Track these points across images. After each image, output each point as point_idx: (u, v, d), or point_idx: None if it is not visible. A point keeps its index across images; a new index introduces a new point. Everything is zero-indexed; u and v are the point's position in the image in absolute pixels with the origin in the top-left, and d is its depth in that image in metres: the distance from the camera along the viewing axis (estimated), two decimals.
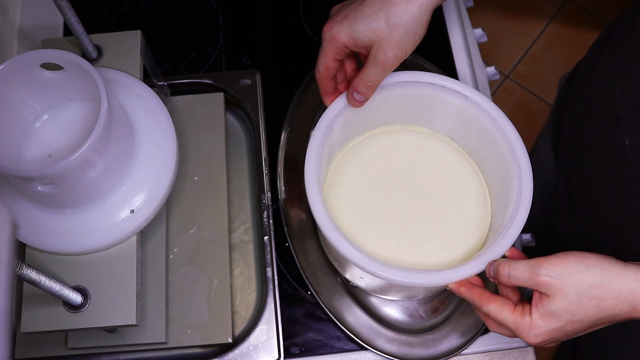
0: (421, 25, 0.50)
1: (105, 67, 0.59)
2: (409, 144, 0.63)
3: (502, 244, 0.51)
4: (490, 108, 0.57)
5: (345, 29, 0.51)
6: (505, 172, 0.56)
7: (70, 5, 0.54)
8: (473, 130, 0.59)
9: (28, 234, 0.53)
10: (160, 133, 0.57)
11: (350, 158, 0.62)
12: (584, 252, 0.47)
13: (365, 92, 0.55)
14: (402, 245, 0.58)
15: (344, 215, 0.59)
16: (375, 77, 0.53)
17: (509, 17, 1.62)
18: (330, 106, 0.57)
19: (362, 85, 0.54)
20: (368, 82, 0.54)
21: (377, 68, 0.52)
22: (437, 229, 0.59)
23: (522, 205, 0.53)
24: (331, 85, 0.57)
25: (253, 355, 0.62)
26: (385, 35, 0.50)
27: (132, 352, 0.63)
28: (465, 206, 0.60)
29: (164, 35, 0.79)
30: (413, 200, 0.60)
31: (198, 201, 0.67)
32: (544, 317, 0.46)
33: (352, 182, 0.61)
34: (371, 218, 0.59)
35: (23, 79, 0.52)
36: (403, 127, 0.64)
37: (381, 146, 0.63)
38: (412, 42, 0.51)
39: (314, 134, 0.56)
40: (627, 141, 0.53)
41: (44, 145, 0.55)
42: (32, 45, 0.76)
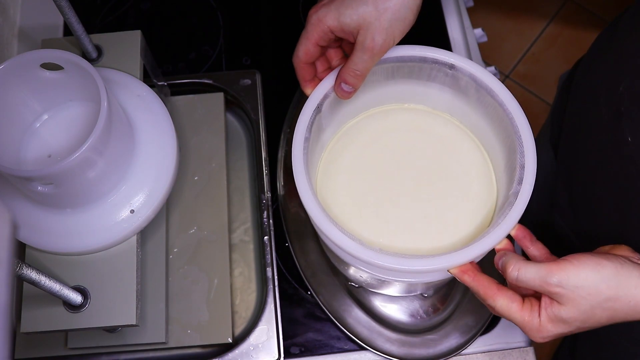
0: (411, 10, 0.49)
1: (105, 67, 0.59)
2: (406, 123, 0.60)
3: (506, 223, 0.48)
4: (487, 79, 0.53)
5: (332, 12, 0.50)
6: (507, 146, 0.53)
7: (70, 5, 0.54)
8: (471, 104, 0.56)
9: (28, 234, 0.53)
10: (160, 133, 0.57)
11: (345, 143, 0.59)
12: (599, 258, 0.44)
13: (353, 82, 0.52)
14: (403, 230, 0.55)
15: (340, 204, 0.56)
16: (363, 64, 0.51)
17: (509, 17, 1.62)
18: (317, 89, 0.54)
19: (350, 74, 0.52)
20: (356, 71, 0.51)
21: (365, 54, 0.50)
22: (440, 211, 0.56)
23: (526, 180, 0.49)
24: (310, 72, 0.54)
25: (253, 355, 0.62)
26: (372, 19, 0.49)
27: (132, 352, 0.63)
28: (469, 185, 0.57)
29: (164, 35, 0.79)
30: (413, 183, 0.57)
31: (198, 201, 0.67)
32: (553, 322, 0.44)
33: (348, 168, 0.58)
34: (369, 205, 0.56)
35: (23, 79, 0.52)
36: (398, 105, 0.61)
37: (376, 128, 0.60)
38: (401, 27, 0.49)
39: (300, 118, 0.53)
40: (629, 138, 0.53)
41: (44, 145, 0.55)
42: (32, 45, 0.76)
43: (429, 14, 0.79)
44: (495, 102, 0.53)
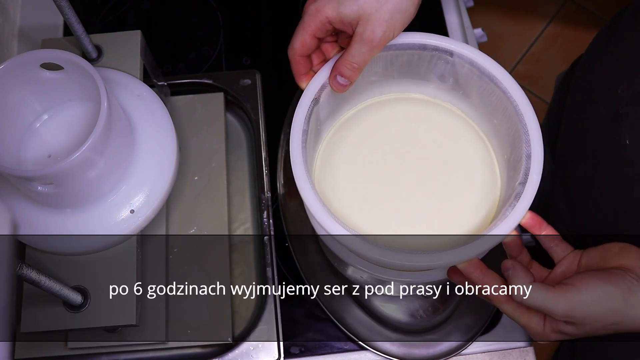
0: (412, 2, 0.48)
1: (105, 67, 0.59)
2: (406, 113, 0.58)
3: (513, 216, 0.47)
4: (489, 65, 0.52)
5: (332, 3, 0.48)
6: (511, 135, 0.52)
7: (70, 5, 0.54)
8: (473, 92, 0.55)
9: (28, 234, 0.53)
10: (160, 133, 0.57)
11: (343, 135, 0.57)
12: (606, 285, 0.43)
13: (350, 75, 0.50)
14: (405, 224, 0.53)
15: (339, 199, 0.55)
16: (361, 57, 0.49)
17: (509, 17, 1.62)
18: (313, 80, 0.52)
19: (347, 67, 0.50)
20: (353, 64, 0.49)
21: (364, 47, 0.48)
22: (444, 202, 0.54)
23: (533, 169, 0.48)
24: (305, 66, 0.52)
25: (253, 355, 0.62)
26: (373, 10, 0.47)
27: (132, 352, 0.63)
28: (472, 175, 0.55)
29: (164, 35, 0.79)
30: (414, 174, 0.55)
31: (198, 201, 0.67)
32: (557, 334, 0.45)
33: (347, 161, 0.56)
34: (369, 198, 0.54)
35: (23, 79, 0.52)
36: (398, 95, 0.59)
37: (375, 118, 0.58)
38: (402, 20, 0.48)
39: (297, 110, 0.51)
40: (628, 140, 0.53)
41: (44, 145, 0.55)
42: (32, 45, 0.76)
43: (429, 13, 0.79)
44: (499, 90, 0.52)
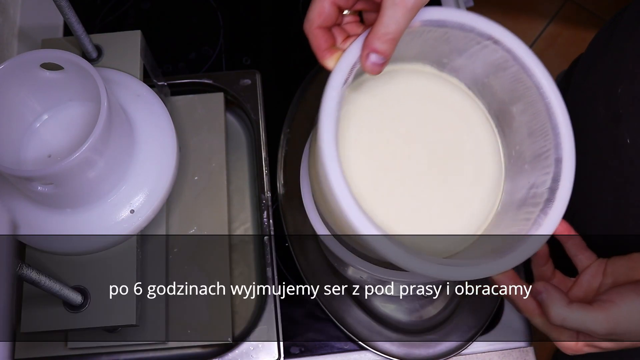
0: None
1: (105, 67, 0.59)
2: (418, 89, 0.51)
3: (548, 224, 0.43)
4: (527, 57, 0.47)
5: None
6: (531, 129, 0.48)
7: (70, 5, 0.54)
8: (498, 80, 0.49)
9: (28, 234, 0.53)
10: (160, 133, 0.57)
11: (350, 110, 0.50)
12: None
13: (385, 49, 0.41)
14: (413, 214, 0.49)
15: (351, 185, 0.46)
16: (395, 25, 0.40)
17: (509, 17, 1.62)
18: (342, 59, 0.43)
19: (381, 39, 0.41)
20: (387, 34, 0.40)
21: (397, 12, 0.40)
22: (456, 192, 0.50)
23: (565, 176, 0.44)
24: (327, 40, 0.43)
25: (253, 355, 0.62)
26: None
27: (132, 352, 0.63)
28: (482, 164, 0.51)
29: (164, 35, 0.79)
30: (427, 160, 0.50)
31: (198, 201, 0.67)
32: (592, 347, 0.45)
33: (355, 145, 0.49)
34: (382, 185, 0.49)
35: (23, 79, 0.52)
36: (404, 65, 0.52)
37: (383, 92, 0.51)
38: None
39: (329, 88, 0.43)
40: (628, 140, 0.53)
41: (44, 145, 0.55)
42: (32, 45, 0.76)
43: None
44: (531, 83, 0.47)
